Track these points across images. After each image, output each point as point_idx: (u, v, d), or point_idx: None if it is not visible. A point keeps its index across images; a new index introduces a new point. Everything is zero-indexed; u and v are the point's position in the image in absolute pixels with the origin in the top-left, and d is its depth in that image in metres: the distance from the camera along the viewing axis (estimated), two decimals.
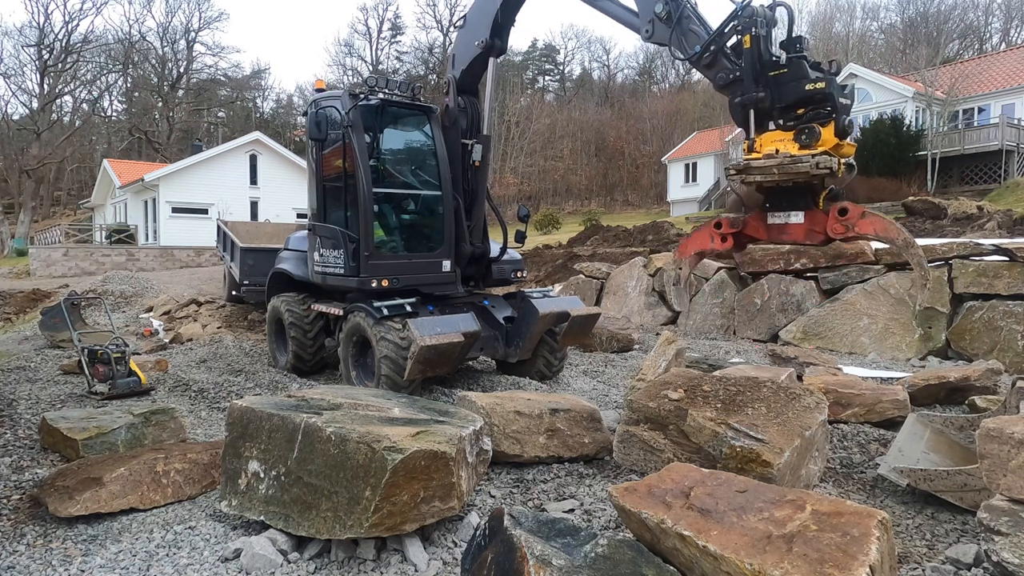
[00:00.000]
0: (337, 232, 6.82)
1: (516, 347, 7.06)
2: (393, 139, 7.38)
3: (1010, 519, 2.76)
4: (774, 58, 4.38)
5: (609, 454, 4.65)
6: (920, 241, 10.43)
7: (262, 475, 3.43)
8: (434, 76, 59.58)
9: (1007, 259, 8.29)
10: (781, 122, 4.40)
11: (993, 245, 8.78)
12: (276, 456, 3.41)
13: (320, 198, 7.20)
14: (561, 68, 70.54)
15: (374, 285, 6.55)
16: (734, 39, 4.57)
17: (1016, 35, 45.33)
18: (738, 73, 4.50)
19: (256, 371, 8.17)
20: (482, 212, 7.43)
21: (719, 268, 11.38)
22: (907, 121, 27.35)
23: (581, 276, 13.81)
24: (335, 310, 7.14)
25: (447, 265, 7.04)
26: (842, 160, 4.34)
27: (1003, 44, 42.71)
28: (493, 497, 3.97)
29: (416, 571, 3.13)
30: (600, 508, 3.72)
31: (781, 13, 4.61)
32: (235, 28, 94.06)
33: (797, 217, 4.41)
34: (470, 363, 7.74)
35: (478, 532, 2.79)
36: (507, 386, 6.90)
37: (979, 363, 6.65)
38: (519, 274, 7.77)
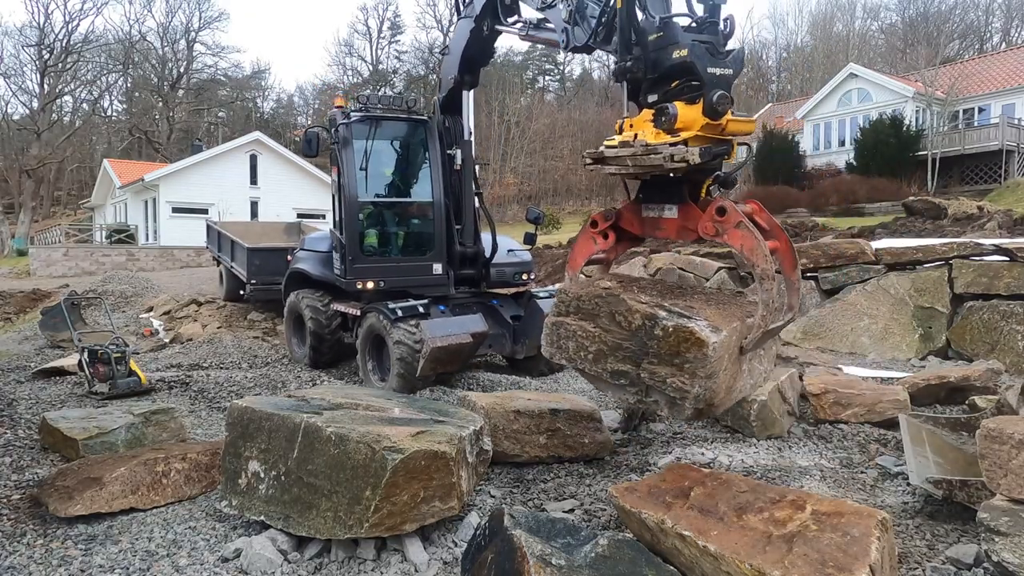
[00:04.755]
0: (337, 237, 7.52)
1: (523, 345, 7.43)
2: (387, 149, 7.84)
3: (1010, 519, 2.75)
4: (653, 20, 3.66)
5: (609, 454, 4.65)
6: (920, 241, 10.47)
7: (262, 475, 3.43)
8: (434, 76, 59.53)
9: (1007, 259, 8.28)
10: (650, 97, 3.69)
11: (993, 245, 8.78)
12: (276, 456, 3.41)
13: (333, 206, 7.78)
14: (561, 68, 70.53)
15: (359, 287, 7.14)
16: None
17: (1016, 35, 45.34)
18: (617, 48, 3.88)
19: (256, 368, 8.17)
20: (471, 214, 7.75)
21: (719, 268, 11.38)
22: (907, 121, 27.35)
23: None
24: (353, 310, 7.51)
25: (439, 268, 7.44)
26: (737, 141, 3.66)
27: (1003, 44, 42.70)
28: (493, 497, 3.97)
29: (416, 571, 3.13)
30: (600, 508, 3.72)
31: None
32: (235, 28, 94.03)
33: (671, 211, 3.75)
34: (479, 359, 7.97)
35: (478, 532, 2.79)
36: (507, 386, 6.90)
37: (979, 363, 6.65)
38: (527, 276, 7.97)
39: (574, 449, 4.53)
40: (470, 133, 7.73)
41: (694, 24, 3.62)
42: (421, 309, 6.77)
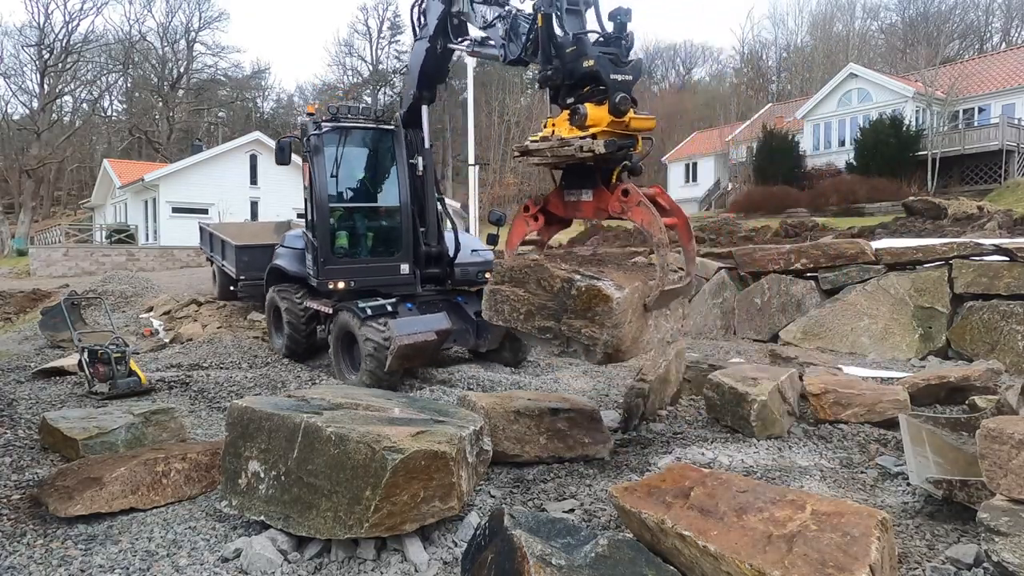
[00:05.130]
0: (309, 239, 8.06)
1: (485, 339, 8.01)
2: (355, 157, 8.34)
3: (1010, 519, 2.75)
4: (567, 35, 4.37)
5: (609, 454, 4.65)
6: (920, 241, 10.47)
7: (262, 475, 3.43)
8: None
9: (1007, 259, 8.28)
10: (568, 100, 4.33)
11: (993, 245, 8.78)
12: (276, 456, 3.41)
13: (305, 209, 8.28)
14: None
15: (330, 287, 7.62)
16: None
17: (1016, 35, 45.33)
18: (539, 41, 4.59)
19: (256, 368, 8.17)
20: (434, 217, 8.29)
21: (719, 268, 11.38)
22: (907, 121, 27.36)
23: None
24: (325, 308, 7.93)
25: (406, 268, 7.97)
26: (641, 135, 4.29)
27: (1003, 44, 42.69)
28: (493, 497, 3.97)
29: (416, 571, 3.13)
30: (600, 508, 3.72)
31: None
32: (235, 28, 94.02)
33: (587, 195, 4.44)
34: (444, 352, 8.40)
35: (478, 532, 2.79)
36: (507, 386, 6.91)
37: (979, 363, 6.64)
38: (489, 274, 8.30)
39: (574, 449, 4.53)
40: (431, 144, 8.36)
41: (602, 39, 4.31)
42: (390, 308, 7.21)
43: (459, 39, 6.69)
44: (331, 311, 7.75)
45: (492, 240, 8.20)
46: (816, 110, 32.42)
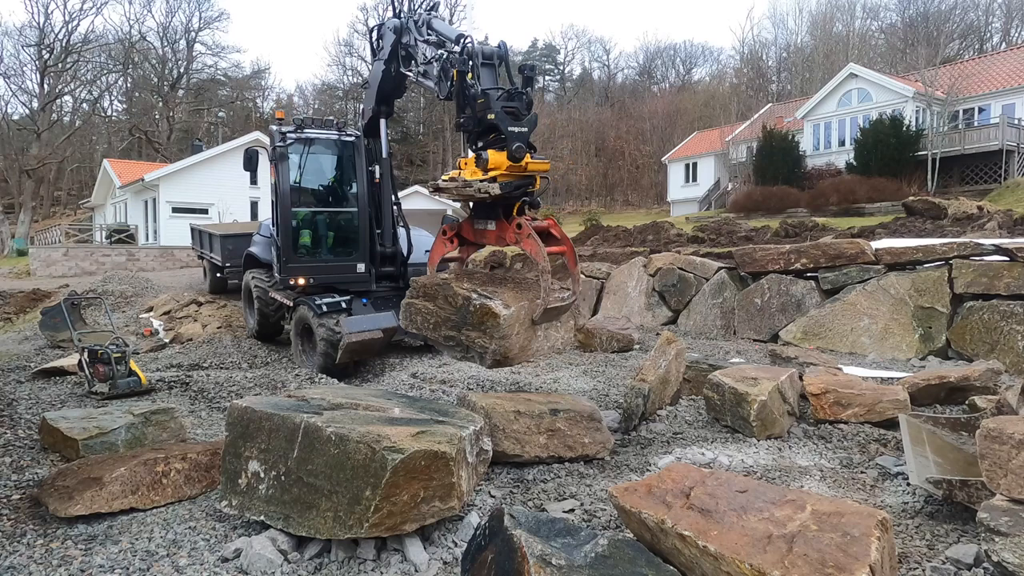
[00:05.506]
0: (274, 239, 8.75)
1: None
2: (318, 164, 9.04)
3: (1010, 519, 2.75)
4: (477, 91, 4.99)
5: (609, 454, 4.65)
6: (920, 241, 10.46)
7: (262, 475, 3.43)
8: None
9: (1007, 259, 8.28)
10: (478, 144, 4.99)
11: (993, 245, 8.77)
12: (276, 456, 3.41)
13: (272, 210, 8.97)
14: (561, 68, 70.54)
15: (291, 283, 8.35)
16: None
17: (1016, 35, 45.32)
18: (454, 95, 5.29)
19: (256, 368, 8.17)
20: (390, 220, 8.99)
21: (719, 268, 11.38)
22: (907, 121, 27.35)
23: (581, 276, 13.79)
24: (287, 300, 8.79)
25: (362, 267, 8.69)
26: (539, 175, 4.95)
27: (1003, 44, 42.69)
28: (493, 497, 3.97)
29: (416, 571, 3.13)
30: (600, 508, 3.72)
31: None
32: (235, 28, 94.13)
33: (491, 225, 5.11)
34: (396, 342, 9.08)
35: (478, 532, 2.79)
36: (507, 386, 6.91)
37: (979, 363, 6.64)
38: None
39: (574, 449, 4.53)
40: (389, 153, 8.98)
41: (507, 93, 4.87)
42: (344, 305, 8.00)
43: (409, 67, 7.14)
44: (292, 304, 8.61)
45: None
46: (816, 110, 32.42)
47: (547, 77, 70.99)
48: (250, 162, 8.73)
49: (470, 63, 5.10)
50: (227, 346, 10.11)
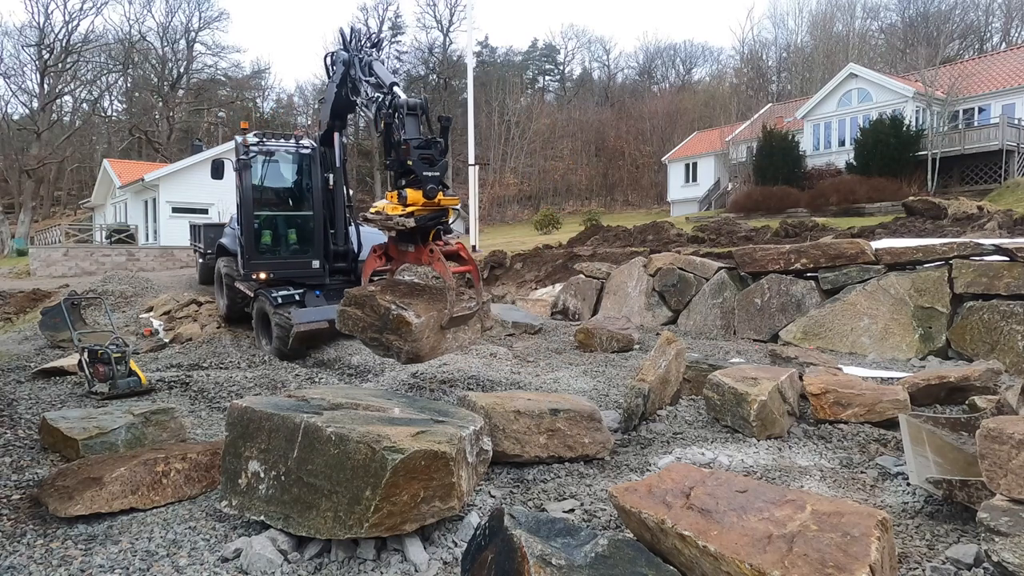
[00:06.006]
0: (238, 238, 9.92)
1: None
2: (278, 172, 10.20)
3: (1010, 519, 2.75)
4: (395, 140, 6.05)
5: (609, 454, 4.65)
6: (920, 241, 10.46)
7: (262, 475, 3.43)
8: (434, 76, 59.54)
9: (1007, 259, 8.28)
10: (402, 182, 5.97)
11: (993, 245, 8.77)
12: (276, 456, 3.41)
13: (237, 211, 10.14)
14: (561, 68, 70.53)
15: (254, 278, 9.48)
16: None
17: (1016, 35, 45.32)
18: (382, 141, 6.39)
19: (256, 368, 8.17)
20: (343, 222, 10.02)
21: (719, 268, 11.38)
22: (907, 121, 27.34)
23: (581, 276, 13.81)
24: (248, 291, 9.88)
25: (316, 263, 9.76)
26: (452, 208, 6.11)
27: (1003, 44, 42.69)
28: (493, 497, 3.97)
29: (416, 571, 3.13)
30: (600, 508, 3.72)
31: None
32: (235, 28, 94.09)
33: (411, 248, 6.28)
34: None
35: (478, 532, 2.79)
36: (507, 386, 6.91)
37: (979, 363, 6.64)
38: None
39: (574, 449, 4.53)
40: (343, 161, 9.89)
41: (423, 142, 5.87)
42: (297, 297, 9.04)
43: (356, 95, 7.88)
44: (253, 294, 9.67)
45: None
46: (816, 110, 32.42)
47: (547, 77, 71.02)
48: (217, 171, 9.81)
49: (395, 115, 6.12)
50: (227, 346, 10.11)
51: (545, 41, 71.42)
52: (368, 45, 7.86)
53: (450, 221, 6.27)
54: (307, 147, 10.01)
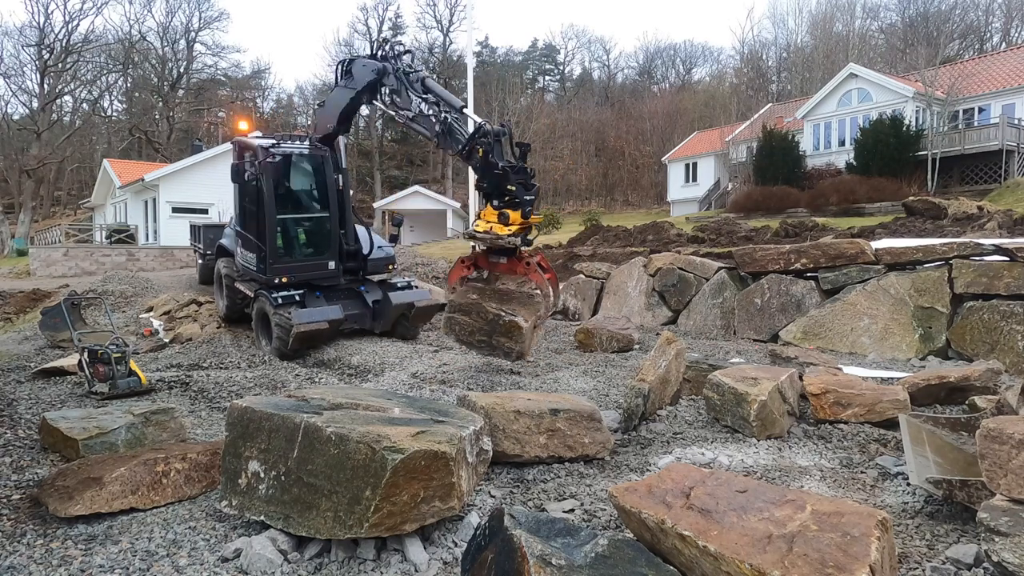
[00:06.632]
0: (253, 241, 9.71)
1: (379, 323, 9.95)
2: (296, 176, 10.09)
3: (1010, 519, 2.75)
4: (496, 164, 6.77)
5: (609, 454, 4.65)
6: (920, 241, 10.46)
7: (262, 475, 3.43)
8: (434, 76, 59.44)
9: (1007, 259, 8.28)
10: (496, 202, 6.89)
11: (993, 245, 8.77)
12: (276, 456, 3.41)
13: (242, 211, 10.16)
14: (561, 68, 70.55)
15: (276, 281, 9.41)
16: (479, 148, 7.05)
17: (1016, 35, 45.33)
18: (478, 165, 7.00)
19: (256, 368, 8.16)
20: (350, 221, 10.26)
21: (719, 268, 11.38)
22: (907, 121, 27.34)
23: (581, 276, 13.82)
24: (248, 291, 10.06)
25: (332, 264, 9.86)
26: (535, 225, 7.16)
27: (1003, 44, 42.69)
28: (493, 497, 3.96)
29: (416, 571, 3.13)
30: (600, 508, 3.72)
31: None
32: (235, 28, 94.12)
33: (504, 260, 7.20)
34: (345, 329, 9.86)
35: (478, 532, 2.79)
36: (507, 386, 6.91)
37: (979, 363, 6.64)
38: (391, 266, 10.87)
39: (574, 449, 4.53)
40: (345, 164, 10.28)
41: (514, 166, 6.78)
42: (297, 298, 9.08)
43: (374, 99, 8.47)
44: (253, 295, 9.74)
45: (393, 239, 11.16)
46: (816, 110, 32.41)
47: (547, 77, 71.01)
48: (238, 174, 9.74)
49: (493, 144, 6.80)
50: (227, 346, 10.11)
51: (545, 41, 71.49)
52: (402, 56, 8.14)
53: (532, 238, 7.32)
54: (323, 150, 9.94)
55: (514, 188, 6.70)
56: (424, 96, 7.64)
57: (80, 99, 51.63)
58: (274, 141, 9.66)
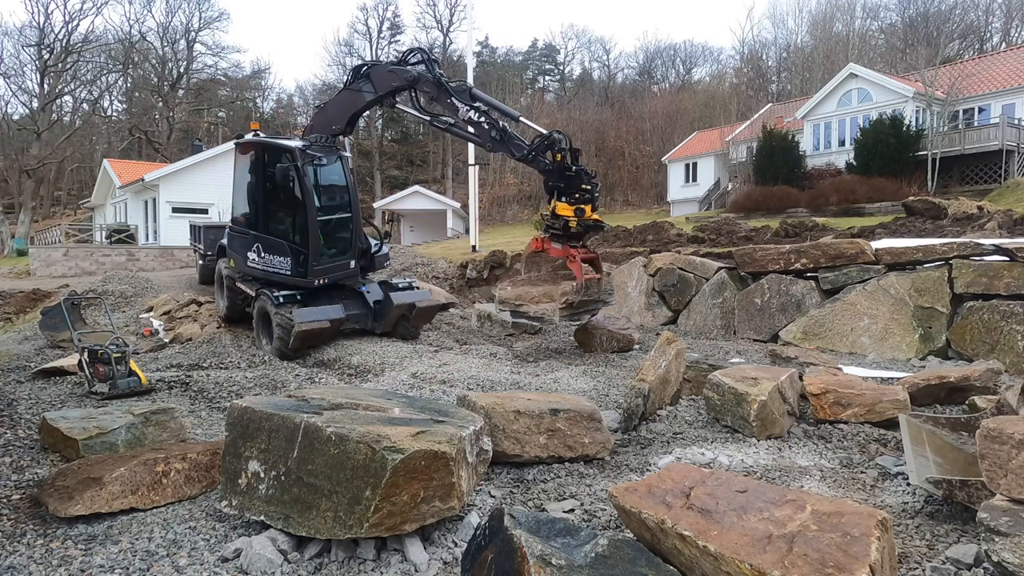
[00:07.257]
0: (284, 245, 9.60)
1: (380, 323, 9.96)
2: (324, 177, 10.13)
3: (1010, 519, 2.75)
4: (569, 167, 8.19)
5: (609, 454, 4.65)
6: (920, 241, 10.46)
7: (262, 475, 3.43)
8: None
9: (1007, 259, 8.28)
10: (565, 199, 8.24)
11: (993, 245, 8.77)
12: (276, 456, 3.41)
13: (263, 214, 10.00)
14: (561, 68, 70.54)
15: (316, 283, 9.45)
16: (548, 152, 8.26)
17: (1016, 35, 45.32)
18: (549, 167, 8.26)
19: (256, 368, 8.16)
20: (359, 221, 10.42)
21: (719, 268, 11.38)
22: (907, 121, 27.32)
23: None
24: (249, 291, 10.05)
25: (353, 263, 10.02)
26: (597, 221, 8.52)
27: (1003, 44, 42.68)
28: (493, 497, 3.96)
29: (416, 571, 3.13)
30: (600, 508, 3.72)
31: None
32: (235, 28, 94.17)
33: (559, 246, 8.54)
34: (346, 329, 9.92)
35: (478, 532, 2.79)
36: (507, 386, 6.91)
37: (979, 363, 6.64)
38: (387, 263, 11.76)
39: (574, 449, 4.53)
40: (352, 164, 10.45)
41: (581, 168, 8.28)
42: (298, 297, 9.18)
43: (430, 106, 9.21)
44: (254, 294, 9.73)
45: (387, 235, 11.52)
46: (816, 110, 32.41)
47: (547, 77, 71.01)
48: (285, 176, 9.27)
49: (566, 151, 8.15)
50: (227, 346, 10.11)
51: (545, 41, 71.49)
52: (434, 64, 8.78)
53: (597, 229, 8.80)
54: (346, 152, 10.13)
55: (588, 187, 8.06)
56: (473, 104, 8.34)
57: (80, 99, 51.69)
58: (307, 143, 9.67)
